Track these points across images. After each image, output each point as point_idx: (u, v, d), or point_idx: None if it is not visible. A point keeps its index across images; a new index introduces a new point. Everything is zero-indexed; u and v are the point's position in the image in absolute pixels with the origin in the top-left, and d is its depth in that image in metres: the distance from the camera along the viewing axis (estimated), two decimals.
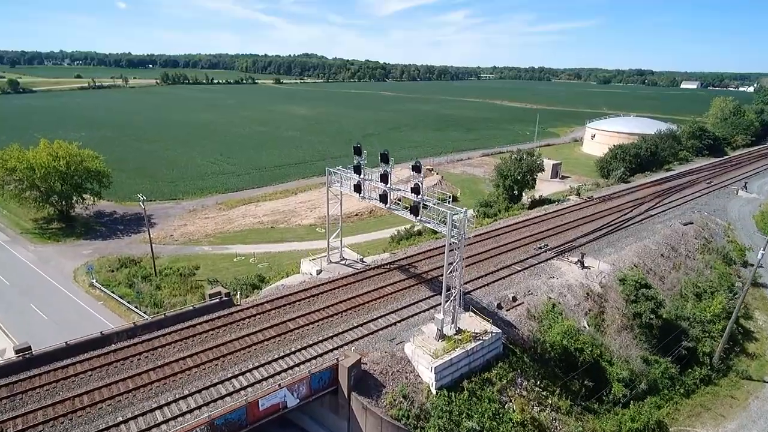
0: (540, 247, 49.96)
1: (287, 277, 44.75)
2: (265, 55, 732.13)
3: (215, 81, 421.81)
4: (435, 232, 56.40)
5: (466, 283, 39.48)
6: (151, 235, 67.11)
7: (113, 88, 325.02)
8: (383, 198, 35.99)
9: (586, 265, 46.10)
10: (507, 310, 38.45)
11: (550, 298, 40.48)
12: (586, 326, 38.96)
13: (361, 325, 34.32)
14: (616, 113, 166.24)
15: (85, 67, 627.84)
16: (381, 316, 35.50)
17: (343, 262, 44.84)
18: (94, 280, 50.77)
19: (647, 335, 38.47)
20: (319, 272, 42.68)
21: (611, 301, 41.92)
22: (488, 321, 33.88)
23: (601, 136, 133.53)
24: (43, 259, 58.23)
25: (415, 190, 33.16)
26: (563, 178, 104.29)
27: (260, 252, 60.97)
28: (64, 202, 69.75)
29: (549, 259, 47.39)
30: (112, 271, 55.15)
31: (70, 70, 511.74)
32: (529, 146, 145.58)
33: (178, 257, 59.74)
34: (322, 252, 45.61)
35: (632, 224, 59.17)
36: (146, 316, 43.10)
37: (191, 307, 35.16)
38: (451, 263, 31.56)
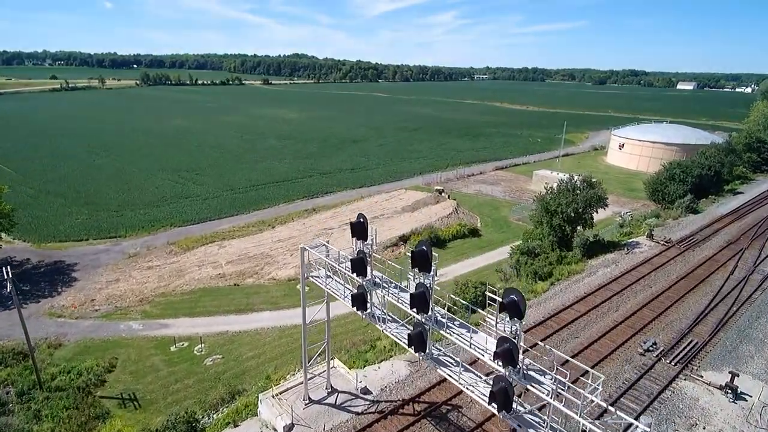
0: (647, 350, 31.50)
1: (235, 427, 25.74)
2: (254, 55, 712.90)
3: (200, 82, 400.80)
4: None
5: None
6: (65, 301, 48.13)
7: (88, 90, 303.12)
8: (359, 300, 17.57)
9: (739, 392, 27.70)
10: None
11: None
12: None
13: None
14: (649, 119, 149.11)
15: (67, 68, 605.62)
16: None
17: (331, 398, 26.01)
18: None
19: None
20: (289, 429, 23.83)
21: None
22: None
23: (632, 146, 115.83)
24: None
25: (419, 302, 15.00)
26: None
27: (213, 332, 41.92)
28: None
29: (674, 378, 28.88)
30: None
31: (50, 70, 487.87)
32: (548, 156, 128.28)
33: (90, 343, 40.51)
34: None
35: (752, 292, 40.92)
36: None
37: None
38: None
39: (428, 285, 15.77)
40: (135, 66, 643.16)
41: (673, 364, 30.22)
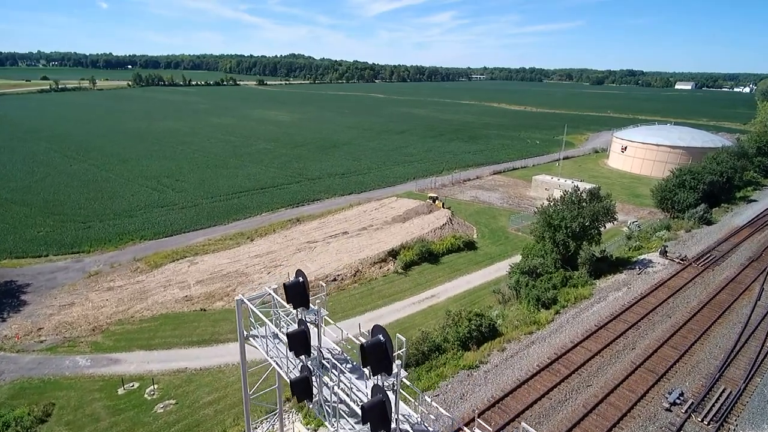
0: (673, 403, 26.36)
1: None
2: (251, 55, 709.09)
3: (193, 83, 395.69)
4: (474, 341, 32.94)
5: None
6: (9, 331, 42.55)
7: (77, 91, 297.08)
8: (300, 388, 12.36)
9: None
10: None
11: None
12: None
13: None
14: (649, 119, 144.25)
15: (60, 68, 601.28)
16: None
17: None
18: None
19: None
20: None
21: None
22: None
23: (635, 149, 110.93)
24: None
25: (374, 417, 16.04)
26: None
27: (170, 370, 36.62)
28: None
29: None
30: None
31: (44, 71, 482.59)
32: (548, 159, 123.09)
33: (27, 384, 35.15)
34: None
35: None
36: None
37: None
38: None
39: (390, 386, 10.59)
40: (130, 66, 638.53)
41: (705, 423, 25.10)
